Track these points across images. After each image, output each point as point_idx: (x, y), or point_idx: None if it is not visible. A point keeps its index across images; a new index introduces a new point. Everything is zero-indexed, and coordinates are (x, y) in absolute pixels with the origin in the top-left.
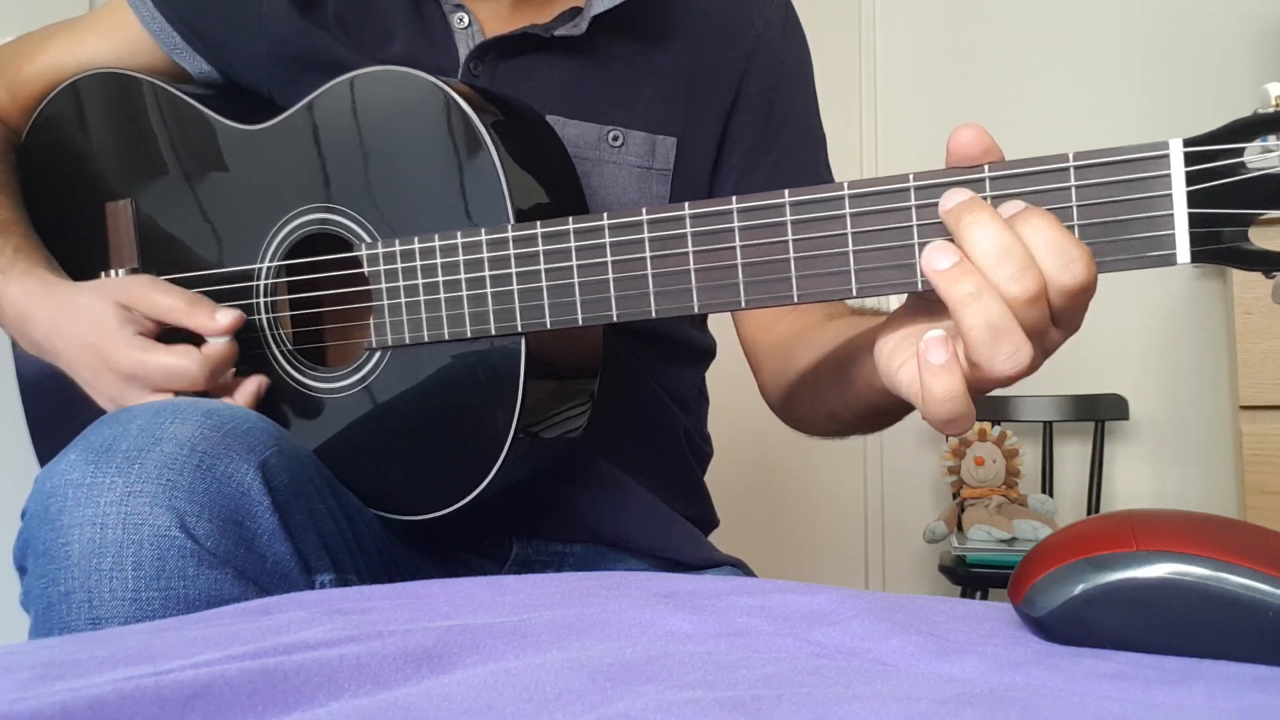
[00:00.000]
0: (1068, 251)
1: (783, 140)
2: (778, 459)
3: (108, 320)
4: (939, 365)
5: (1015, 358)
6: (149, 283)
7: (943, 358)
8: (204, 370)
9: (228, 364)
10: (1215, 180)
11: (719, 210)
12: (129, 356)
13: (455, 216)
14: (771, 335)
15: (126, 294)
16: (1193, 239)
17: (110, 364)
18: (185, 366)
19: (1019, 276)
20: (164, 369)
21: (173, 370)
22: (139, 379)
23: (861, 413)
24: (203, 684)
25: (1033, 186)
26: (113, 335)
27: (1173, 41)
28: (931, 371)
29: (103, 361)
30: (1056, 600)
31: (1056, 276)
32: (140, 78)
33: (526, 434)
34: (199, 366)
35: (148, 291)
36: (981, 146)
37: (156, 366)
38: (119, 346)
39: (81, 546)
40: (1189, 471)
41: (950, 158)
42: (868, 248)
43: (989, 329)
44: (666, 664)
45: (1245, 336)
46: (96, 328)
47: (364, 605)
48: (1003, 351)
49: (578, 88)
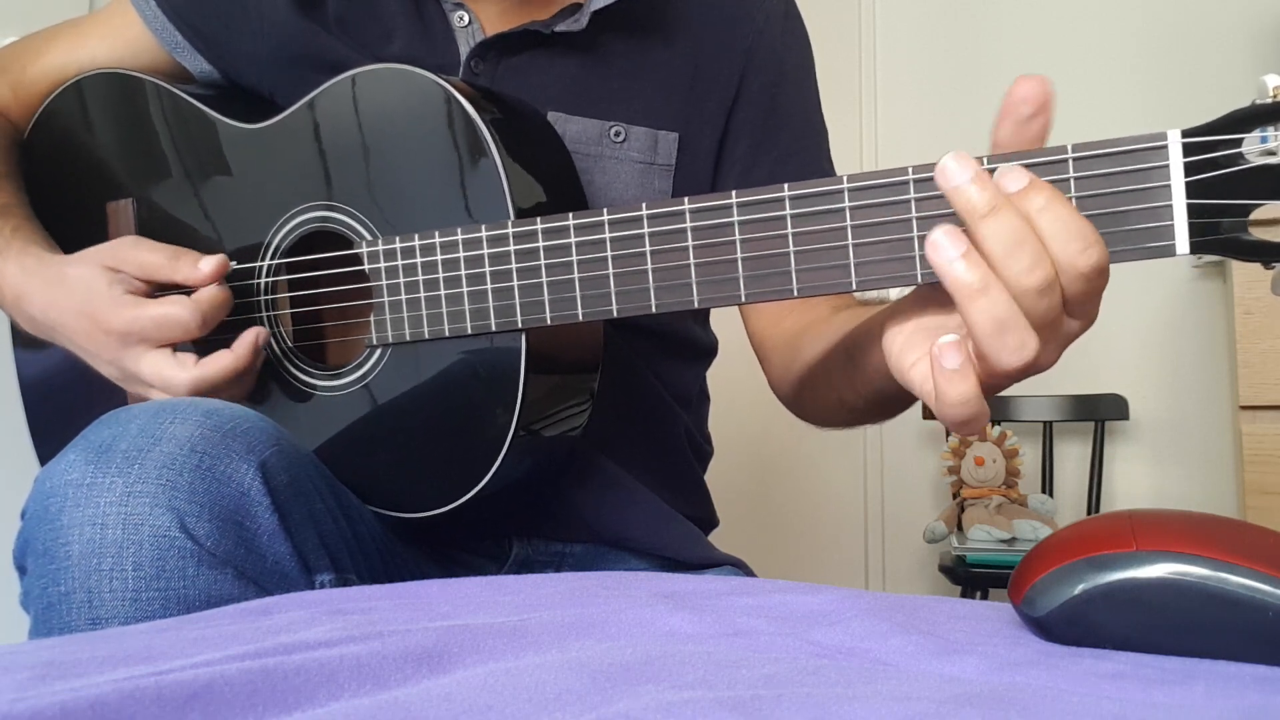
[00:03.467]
0: (1084, 235)
1: (784, 136)
2: (778, 459)
3: (97, 284)
4: (953, 370)
5: (1022, 351)
6: (133, 243)
7: (956, 362)
8: (195, 316)
9: (220, 309)
10: (1214, 171)
11: (719, 205)
12: (120, 315)
13: (456, 214)
14: (780, 329)
15: (112, 256)
16: (1191, 229)
17: (104, 326)
18: (176, 313)
19: (1030, 270)
20: (154, 320)
21: (164, 319)
22: (134, 334)
23: (873, 399)
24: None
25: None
26: (103, 298)
27: (1171, 38)
28: (945, 377)
29: (97, 326)
30: (1056, 600)
31: (1072, 262)
32: (142, 77)
33: (527, 431)
34: (189, 312)
35: (132, 251)
36: (1038, 100)
37: (148, 319)
38: (110, 307)
39: (81, 546)
40: (1189, 471)
41: (1006, 107)
42: (867, 241)
43: (995, 322)
44: (666, 664)
45: (1245, 336)
46: (88, 294)
47: (364, 605)
48: (1009, 345)
49: (579, 84)
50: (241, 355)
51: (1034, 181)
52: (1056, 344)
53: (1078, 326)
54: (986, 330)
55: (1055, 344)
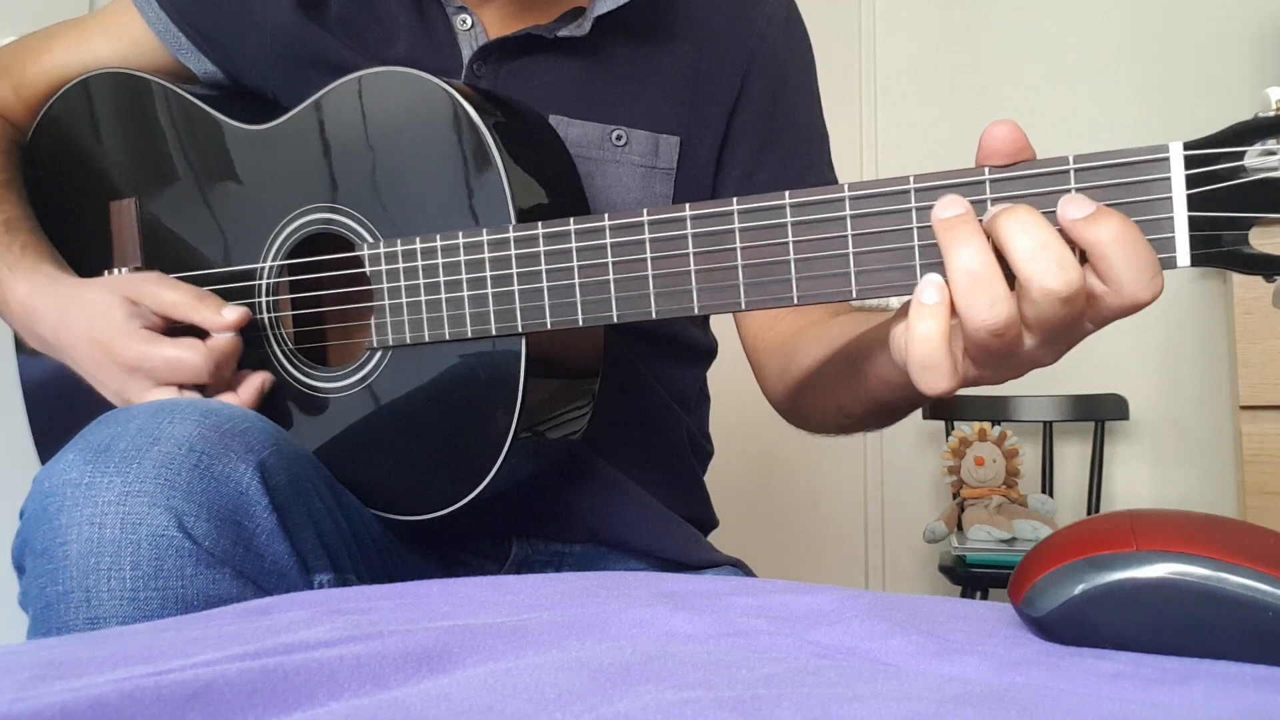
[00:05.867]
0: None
1: (785, 140)
2: (778, 459)
3: (114, 315)
4: (926, 306)
5: (993, 310)
6: (156, 279)
7: (933, 299)
8: (208, 363)
9: (232, 359)
10: (1215, 184)
11: (720, 211)
12: (133, 349)
13: (458, 217)
14: (773, 334)
15: (134, 289)
16: (1192, 242)
17: (115, 357)
18: (189, 359)
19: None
20: (167, 361)
21: (176, 362)
22: (142, 371)
23: (871, 408)
24: (203, 684)
25: (1033, 189)
26: (118, 329)
27: (1174, 46)
28: (918, 311)
29: (107, 355)
30: (1056, 600)
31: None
32: (147, 78)
33: (527, 434)
34: (203, 359)
35: (155, 287)
36: (1016, 145)
37: (160, 358)
38: (124, 339)
39: (80, 546)
40: (1189, 471)
41: (982, 154)
42: (868, 249)
43: (969, 274)
44: (666, 664)
45: (1245, 336)
46: (102, 322)
47: (364, 605)
48: (981, 301)
49: (581, 88)
50: (245, 400)
51: (1102, 209)
52: (1066, 346)
53: (1090, 331)
54: (963, 281)
55: (1065, 346)
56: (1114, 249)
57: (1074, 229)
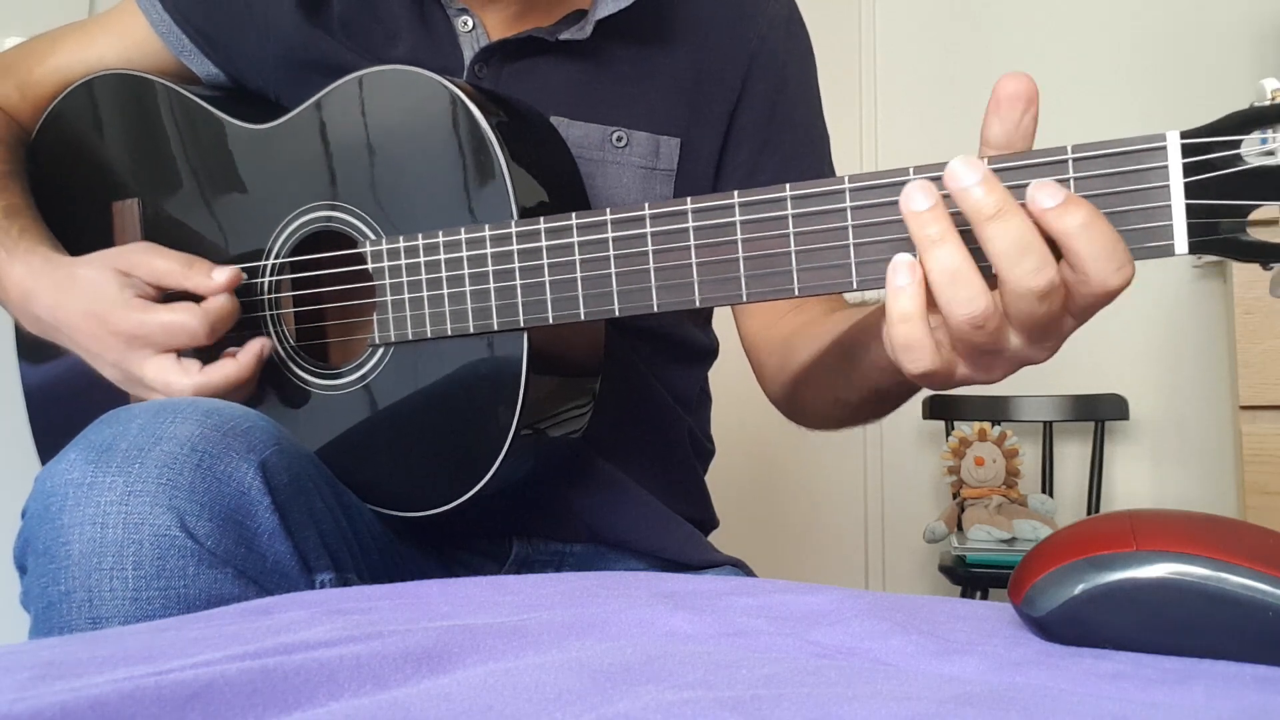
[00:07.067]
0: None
1: (786, 142)
2: (778, 459)
3: (107, 287)
4: (899, 287)
5: (971, 305)
6: (146, 248)
7: (904, 280)
8: (204, 325)
9: (228, 320)
10: (1212, 172)
11: (721, 204)
12: (130, 318)
13: (460, 215)
14: (773, 332)
15: (125, 261)
16: (1190, 230)
17: (112, 328)
18: (185, 321)
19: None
20: (164, 326)
21: (172, 326)
22: (140, 338)
23: (868, 395)
24: (203, 684)
25: (1031, 179)
26: (113, 301)
27: (1171, 40)
28: (893, 293)
29: (104, 327)
30: (1056, 600)
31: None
32: (150, 78)
33: (528, 431)
34: (199, 321)
35: (145, 256)
36: (1029, 95)
37: (156, 324)
38: (120, 310)
39: (82, 546)
40: (1189, 471)
41: (998, 105)
42: (868, 240)
43: (945, 273)
44: (666, 664)
45: (1245, 336)
46: (98, 296)
47: (364, 605)
48: (960, 296)
49: (582, 90)
50: (245, 365)
51: (1071, 198)
52: (1055, 341)
53: (1074, 325)
54: (942, 280)
55: (1054, 341)
56: (1081, 238)
57: (1044, 218)
